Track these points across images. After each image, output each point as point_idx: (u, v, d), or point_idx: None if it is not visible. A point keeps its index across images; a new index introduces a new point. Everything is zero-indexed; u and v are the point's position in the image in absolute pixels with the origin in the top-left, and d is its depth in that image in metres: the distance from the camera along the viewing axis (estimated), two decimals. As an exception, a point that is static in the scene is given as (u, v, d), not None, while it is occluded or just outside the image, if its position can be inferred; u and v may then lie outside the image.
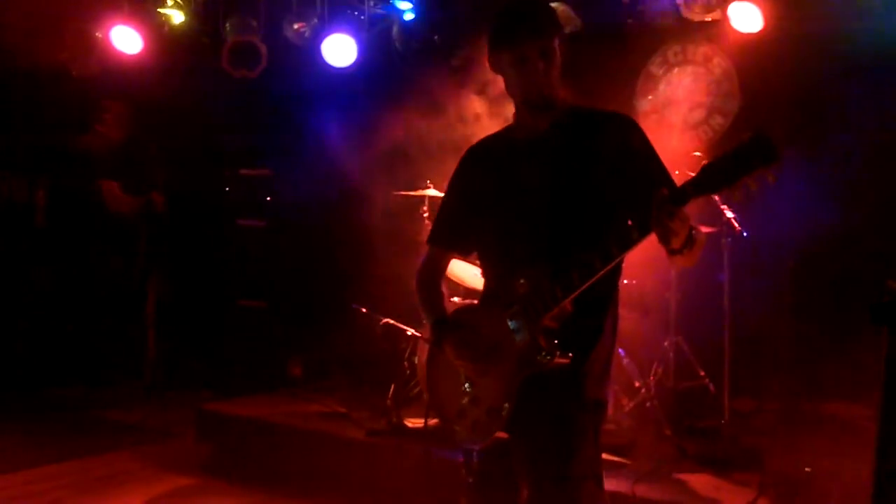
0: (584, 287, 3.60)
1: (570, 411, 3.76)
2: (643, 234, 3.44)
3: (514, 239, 3.92)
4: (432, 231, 4.44)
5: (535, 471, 3.77)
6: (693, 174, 3.36)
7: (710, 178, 3.30)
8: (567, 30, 8.66)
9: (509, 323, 3.78)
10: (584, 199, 3.76)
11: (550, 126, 3.91)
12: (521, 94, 3.91)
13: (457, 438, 4.01)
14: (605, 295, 3.86)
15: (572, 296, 3.62)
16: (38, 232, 10.68)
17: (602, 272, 3.57)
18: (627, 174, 3.70)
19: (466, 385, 3.95)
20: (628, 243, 3.49)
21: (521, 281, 3.77)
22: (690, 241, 3.51)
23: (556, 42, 3.82)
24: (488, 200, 4.01)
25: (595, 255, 3.56)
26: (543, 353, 3.67)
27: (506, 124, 4.18)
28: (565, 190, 3.80)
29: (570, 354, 3.68)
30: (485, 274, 4.19)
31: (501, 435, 3.81)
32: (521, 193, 3.90)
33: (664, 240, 3.41)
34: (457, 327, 4.03)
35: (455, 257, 4.49)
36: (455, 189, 4.26)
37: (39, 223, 10.72)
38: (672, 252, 3.55)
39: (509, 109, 4.11)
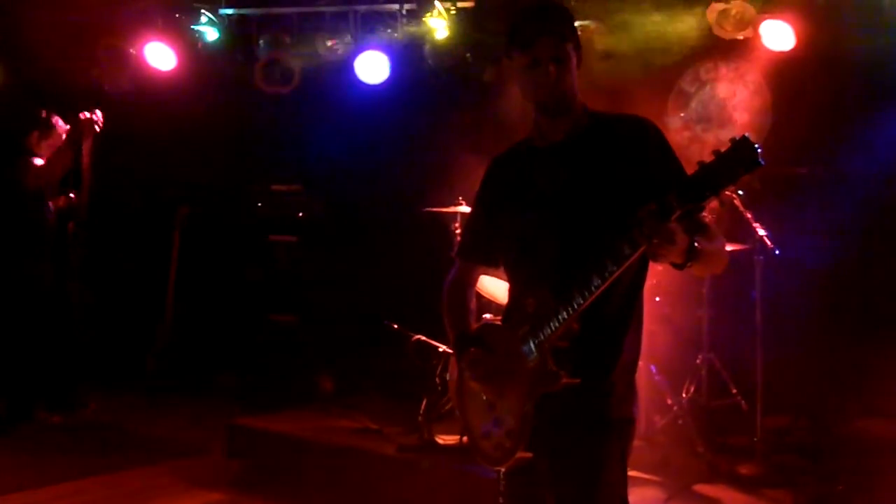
0: (585, 305, 3.49)
1: (594, 433, 3.69)
2: (634, 248, 3.31)
3: (530, 252, 3.86)
4: (459, 243, 4.42)
5: (559, 494, 3.73)
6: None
7: (695, 189, 3.17)
8: (599, 48, 8.74)
9: (521, 343, 3.70)
10: (598, 212, 3.65)
11: (566, 134, 3.82)
12: (533, 98, 3.82)
13: (483, 458, 3.95)
14: (623, 312, 3.76)
15: (576, 314, 3.51)
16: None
17: (602, 288, 3.44)
18: (643, 180, 3.52)
19: (489, 405, 3.88)
20: (621, 258, 3.36)
21: (531, 299, 3.71)
22: (693, 253, 3.37)
23: (571, 46, 3.75)
24: (508, 211, 3.95)
25: (593, 271, 3.44)
26: (552, 374, 3.58)
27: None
28: (579, 202, 3.71)
29: (580, 375, 3.58)
30: (509, 289, 4.11)
31: (527, 455, 3.73)
32: (536, 205, 3.82)
33: (654, 256, 3.29)
34: (475, 344, 3.96)
35: (483, 271, 4.42)
36: (479, 200, 4.20)
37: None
38: (676, 267, 3.45)
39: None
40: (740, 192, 6.99)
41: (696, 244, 3.36)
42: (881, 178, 8.17)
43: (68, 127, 9.80)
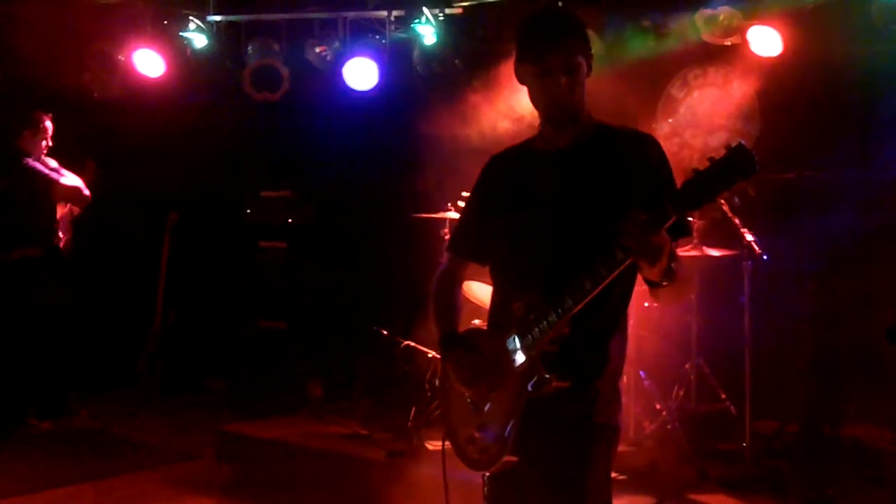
0: (576, 309, 3.52)
1: (580, 438, 3.71)
2: (627, 254, 3.34)
3: (520, 254, 3.86)
4: (451, 238, 4.42)
5: (544, 500, 3.74)
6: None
7: (691, 196, 3.22)
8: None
9: (508, 346, 3.72)
10: (592, 219, 3.67)
11: (570, 141, 3.84)
12: (543, 107, 3.84)
13: (468, 463, 3.96)
14: (612, 319, 3.79)
15: (566, 317, 3.54)
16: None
17: (593, 293, 3.47)
18: (639, 194, 3.51)
19: (474, 409, 3.89)
20: (614, 264, 3.39)
21: (518, 303, 3.72)
22: (671, 273, 3.43)
23: (582, 57, 3.76)
24: (501, 212, 3.96)
25: (585, 276, 3.48)
26: (542, 378, 3.60)
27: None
28: (575, 208, 3.73)
29: (570, 379, 3.62)
30: (493, 291, 4.10)
31: (513, 459, 3.75)
32: (532, 208, 3.84)
33: (644, 259, 3.32)
34: (461, 346, 3.97)
35: (472, 268, 4.40)
36: (474, 197, 4.21)
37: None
38: (653, 285, 3.53)
39: (531, 132, 4.05)
40: (737, 200, 7.01)
41: (672, 265, 3.41)
42: (869, 184, 8.20)
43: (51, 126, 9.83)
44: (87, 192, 9.90)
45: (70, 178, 9.79)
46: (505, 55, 3.89)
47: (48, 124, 9.78)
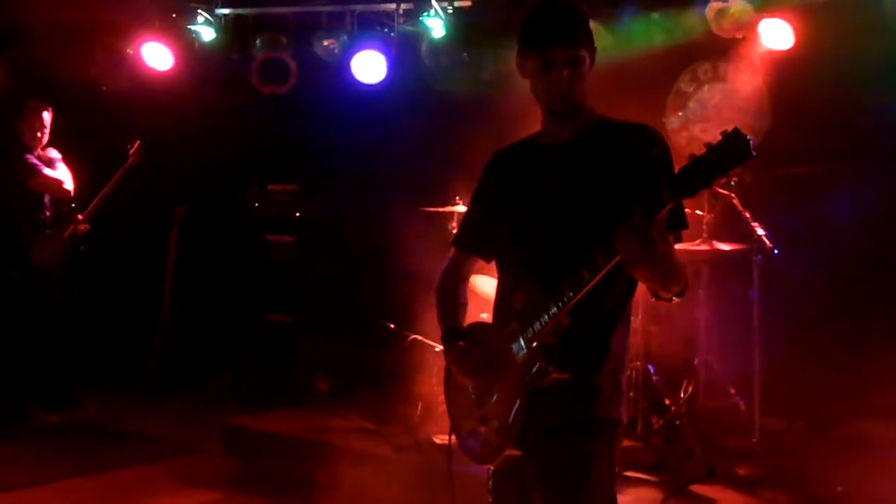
0: (575, 300, 3.49)
1: (581, 432, 3.69)
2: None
3: (521, 248, 3.85)
4: (456, 234, 4.41)
5: (546, 493, 3.72)
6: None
7: (686, 182, 3.20)
8: (597, 46, 8.72)
9: (510, 338, 3.71)
10: (591, 212, 3.64)
11: (573, 135, 3.82)
12: (545, 100, 3.81)
13: (471, 457, 3.97)
14: (614, 312, 3.77)
15: (566, 308, 3.52)
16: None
17: (592, 283, 3.45)
18: (638, 186, 3.43)
19: (476, 403, 3.89)
20: (611, 253, 3.35)
21: (519, 295, 3.71)
22: (685, 290, 3.49)
23: (585, 51, 3.73)
24: (505, 206, 3.95)
25: (583, 266, 3.46)
26: (541, 369, 3.58)
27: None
28: (575, 201, 3.72)
29: (570, 370, 3.59)
30: (497, 285, 4.10)
31: (515, 452, 3.73)
32: (534, 202, 3.82)
33: (636, 248, 3.23)
34: (463, 339, 3.97)
35: (478, 264, 4.37)
36: (478, 193, 4.20)
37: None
38: (656, 297, 3.56)
39: (538, 126, 4.01)
40: (733, 183, 6.97)
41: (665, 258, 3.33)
42: (880, 178, 8.16)
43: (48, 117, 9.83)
44: (68, 186, 9.87)
45: (58, 172, 9.79)
46: (513, 49, 3.84)
47: (45, 115, 9.75)
